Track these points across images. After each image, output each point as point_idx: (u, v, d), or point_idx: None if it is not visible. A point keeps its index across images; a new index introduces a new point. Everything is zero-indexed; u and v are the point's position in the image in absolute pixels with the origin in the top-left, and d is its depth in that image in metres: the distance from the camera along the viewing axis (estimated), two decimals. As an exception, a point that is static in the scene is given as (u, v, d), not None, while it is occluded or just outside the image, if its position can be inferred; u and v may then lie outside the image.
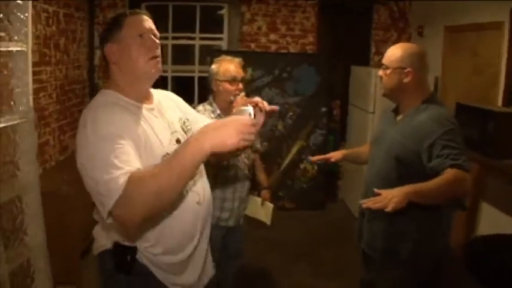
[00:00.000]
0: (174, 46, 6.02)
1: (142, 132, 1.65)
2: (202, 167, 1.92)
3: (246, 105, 1.59)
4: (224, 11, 6.00)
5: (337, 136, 6.17)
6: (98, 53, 5.72)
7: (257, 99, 1.76)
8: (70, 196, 3.63)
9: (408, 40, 6.08)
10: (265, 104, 1.75)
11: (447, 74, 5.01)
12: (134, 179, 1.41)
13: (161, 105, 1.87)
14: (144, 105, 1.77)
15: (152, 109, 1.80)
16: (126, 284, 1.78)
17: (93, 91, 5.71)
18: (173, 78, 6.03)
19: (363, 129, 5.51)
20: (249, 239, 3.79)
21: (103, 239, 1.81)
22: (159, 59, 1.76)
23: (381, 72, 2.43)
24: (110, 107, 1.64)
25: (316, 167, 5.81)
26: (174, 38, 5.88)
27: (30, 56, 2.29)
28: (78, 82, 5.34)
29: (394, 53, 2.38)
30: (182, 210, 1.77)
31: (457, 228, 4.13)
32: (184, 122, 1.96)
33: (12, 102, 2.24)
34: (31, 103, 2.33)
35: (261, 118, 1.75)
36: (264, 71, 5.59)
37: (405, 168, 2.28)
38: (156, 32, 1.77)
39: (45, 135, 4.33)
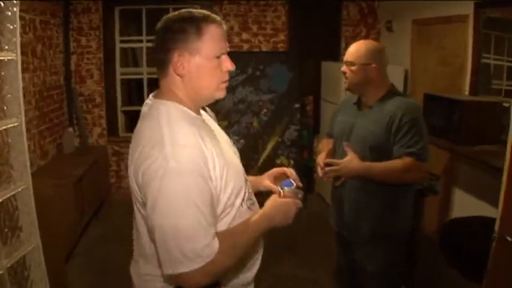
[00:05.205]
0: (148, 49, 6.03)
1: (218, 153, 1.47)
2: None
3: (280, 175, 1.94)
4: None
5: (311, 131, 6.30)
6: (73, 58, 5.79)
7: (285, 169, 1.93)
8: (53, 201, 3.67)
9: (378, 35, 6.23)
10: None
11: (416, 66, 5.16)
12: (222, 251, 1.37)
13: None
14: (200, 117, 1.57)
15: (204, 120, 1.60)
16: None
17: (70, 97, 5.79)
18: (149, 80, 6.07)
19: (336, 123, 5.58)
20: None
21: (158, 282, 1.54)
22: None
23: (344, 68, 2.57)
24: (186, 127, 1.42)
25: (292, 162, 5.91)
26: (148, 41, 5.93)
27: (20, 64, 2.38)
28: (56, 88, 5.40)
29: (358, 49, 2.52)
30: None
31: (431, 213, 4.30)
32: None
33: (5, 107, 2.36)
34: (22, 107, 2.43)
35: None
36: (238, 70, 5.65)
37: (379, 155, 2.44)
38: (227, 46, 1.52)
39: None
